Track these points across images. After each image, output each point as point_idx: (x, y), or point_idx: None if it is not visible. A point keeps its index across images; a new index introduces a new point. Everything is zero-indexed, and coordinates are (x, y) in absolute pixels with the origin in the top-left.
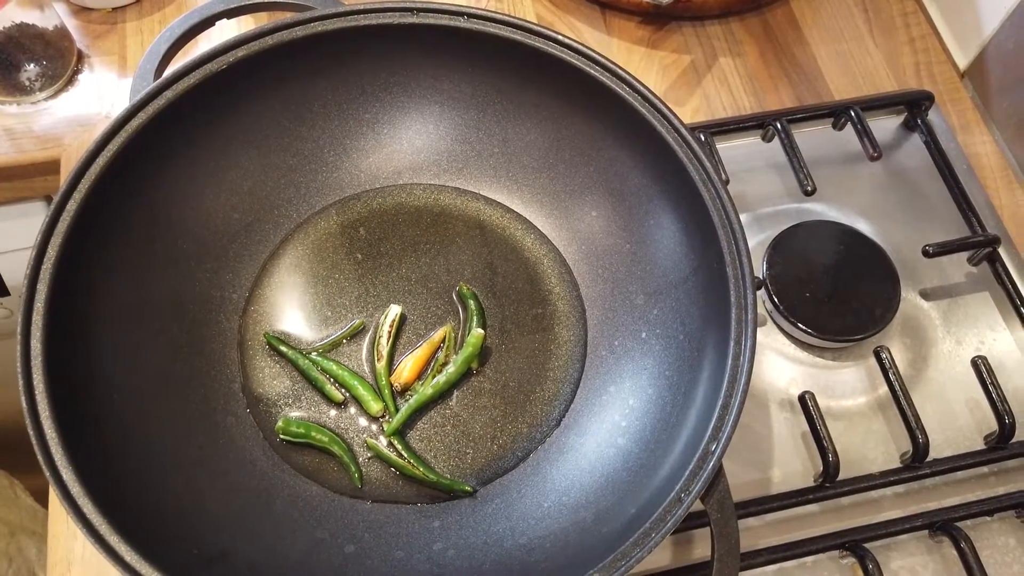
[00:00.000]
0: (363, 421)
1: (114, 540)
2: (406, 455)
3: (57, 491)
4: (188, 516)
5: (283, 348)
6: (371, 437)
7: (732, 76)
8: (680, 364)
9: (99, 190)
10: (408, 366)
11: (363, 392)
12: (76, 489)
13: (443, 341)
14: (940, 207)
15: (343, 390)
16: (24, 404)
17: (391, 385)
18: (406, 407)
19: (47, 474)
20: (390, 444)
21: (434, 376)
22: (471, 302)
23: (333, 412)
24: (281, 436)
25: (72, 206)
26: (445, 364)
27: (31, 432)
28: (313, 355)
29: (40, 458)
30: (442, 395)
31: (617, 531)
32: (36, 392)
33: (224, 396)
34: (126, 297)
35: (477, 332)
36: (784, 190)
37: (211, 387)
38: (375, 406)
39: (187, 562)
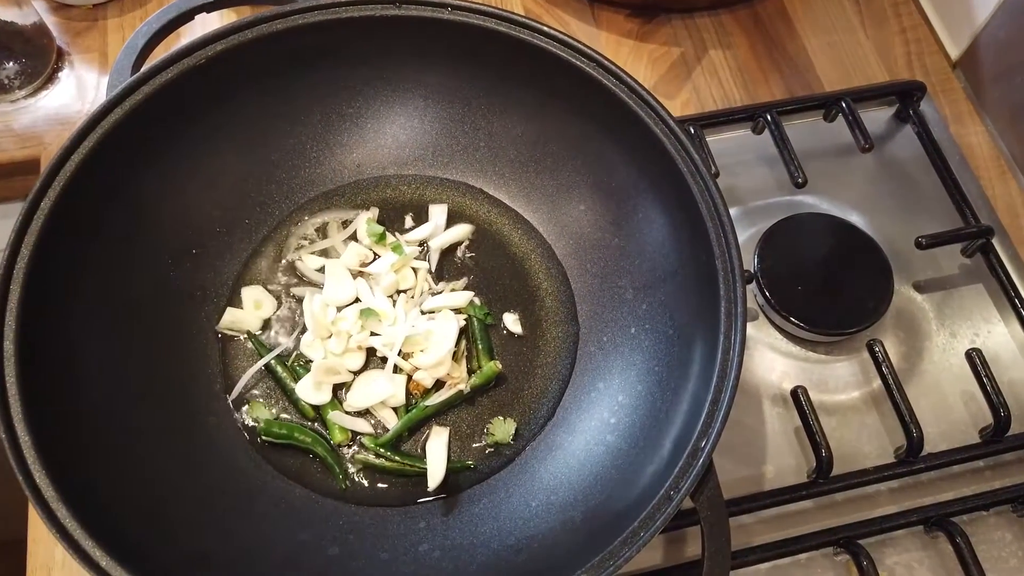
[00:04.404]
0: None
1: (88, 545)
2: (396, 456)
3: (30, 496)
4: (167, 519)
5: (265, 353)
6: (358, 451)
7: (722, 68)
8: (670, 360)
9: (74, 188)
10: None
11: (331, 418)
12: (49, 493)
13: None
14: (933, 198)
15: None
16: None
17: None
18: (398, 426)
19: (20, 478)
20: (377, 454)
21: (431, 397)
22: (475, 321)
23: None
24: (263, 437)
25: (46, 204)
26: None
27: (4, 435)
28: (288, 363)
29: (13, 462)
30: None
31: (606, 530)
32: (8, 394)
33: (205, 396)
34: (103, 296)
35: (493, 365)
36: (775, 183)
37: (191, 387)
38: (340, 436)
39: (165, 566)
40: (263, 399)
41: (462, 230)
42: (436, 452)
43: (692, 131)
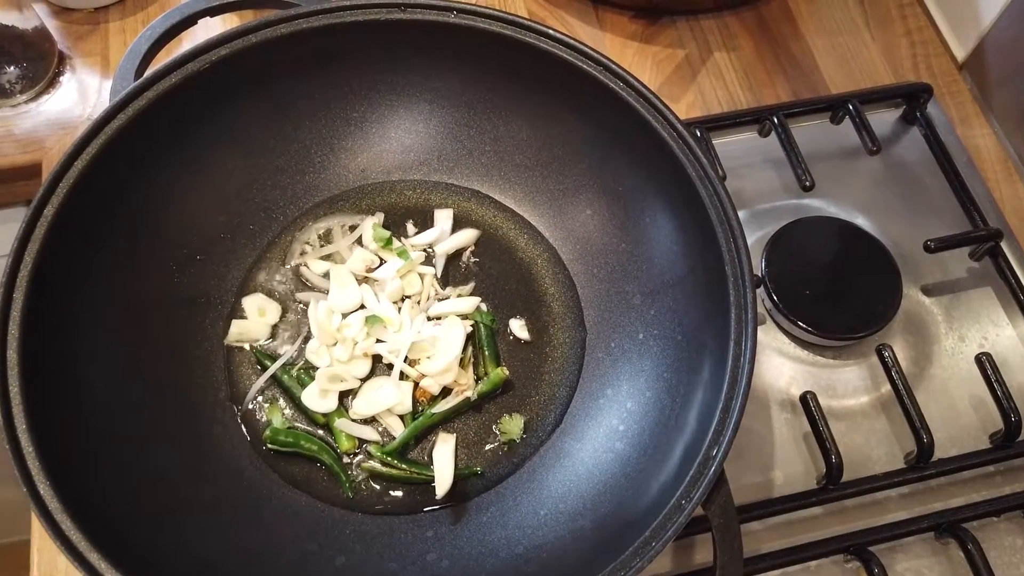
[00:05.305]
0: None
1: (94, 557)
2: (403, 464)
3: (34, 505)
4: (171, 528)
5: (268, 363)
6: (364, 459)
7: (727, 70)
8: (678, 366)
9: (78, 194)
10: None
11: (338, 426)
12: (53, 504)
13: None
14: (940, 201)
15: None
16: (0, 416)
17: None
18: (404, 433)
19: (24, 488)
20: (384, 462)
21: (437, 404)
22: (481, 327)
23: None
24: (269, 445)
25: (50, 211)
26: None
27: (8, 445)
28: (294, 371)
29: (16, 471)
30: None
31: (616, 539)
32: (12, 404)
33: (210, 404)
34: (107, 303)
35: (500, 371)
36: (782, 186)
37: (196, 395)
38: (346, 444)
39: None
40: (269, 405)
41: (468, 235)
42: (443, 459)
43: (699, 134)
